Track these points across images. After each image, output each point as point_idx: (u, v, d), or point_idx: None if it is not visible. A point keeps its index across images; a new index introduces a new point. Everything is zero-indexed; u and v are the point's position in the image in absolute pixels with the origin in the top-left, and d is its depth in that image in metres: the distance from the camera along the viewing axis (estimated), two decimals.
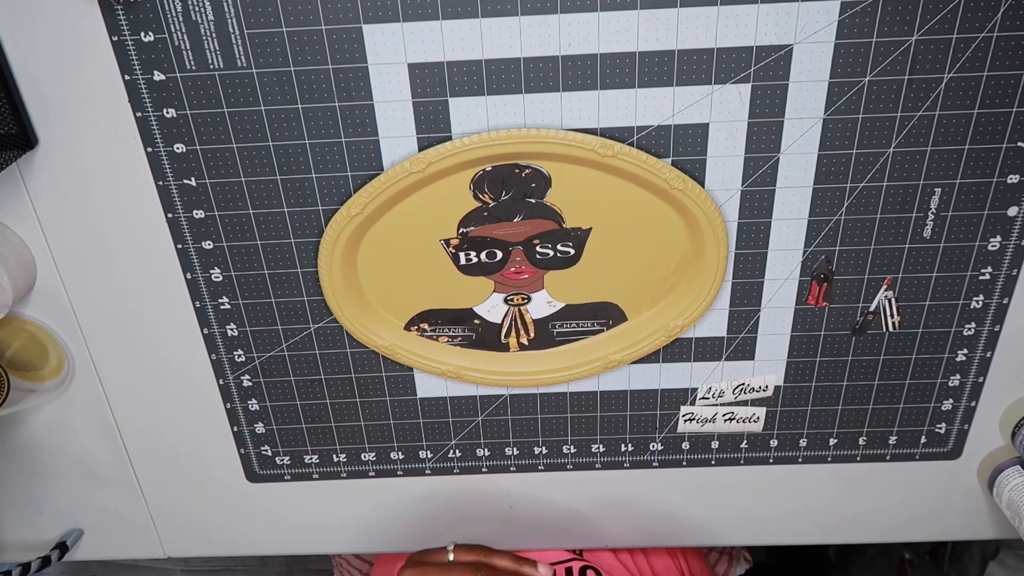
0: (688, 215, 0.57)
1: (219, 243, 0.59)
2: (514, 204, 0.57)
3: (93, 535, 0.76)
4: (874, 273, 0.59)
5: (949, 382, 0.65)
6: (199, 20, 0.50)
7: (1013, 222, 0.57)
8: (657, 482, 0.71)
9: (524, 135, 0.53)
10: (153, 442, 0.70)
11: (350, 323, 0.61)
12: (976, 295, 0.60)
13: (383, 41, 0.51)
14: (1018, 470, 0.65)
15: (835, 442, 0.68)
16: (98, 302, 0.62)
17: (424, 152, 0.54)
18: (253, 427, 0.69)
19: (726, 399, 0.66)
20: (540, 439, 0.69)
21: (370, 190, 0.55)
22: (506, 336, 0.63)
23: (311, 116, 0.53)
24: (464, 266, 0.60)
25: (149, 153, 0.55)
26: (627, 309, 0.63)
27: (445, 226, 0.58)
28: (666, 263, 0.60)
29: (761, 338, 0.63)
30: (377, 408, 0.67)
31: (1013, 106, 0.52)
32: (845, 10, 0.49)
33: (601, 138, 0.53)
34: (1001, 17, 0.49)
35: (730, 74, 0.52)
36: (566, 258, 0.59)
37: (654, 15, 0.50)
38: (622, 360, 0.63)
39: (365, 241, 0.58)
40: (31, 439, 0.70)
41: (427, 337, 0.63)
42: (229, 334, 0.63)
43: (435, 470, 0.71)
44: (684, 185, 0.55)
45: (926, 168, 0.55)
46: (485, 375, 0.64)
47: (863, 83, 0.52)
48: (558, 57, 0.51)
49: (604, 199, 0.56)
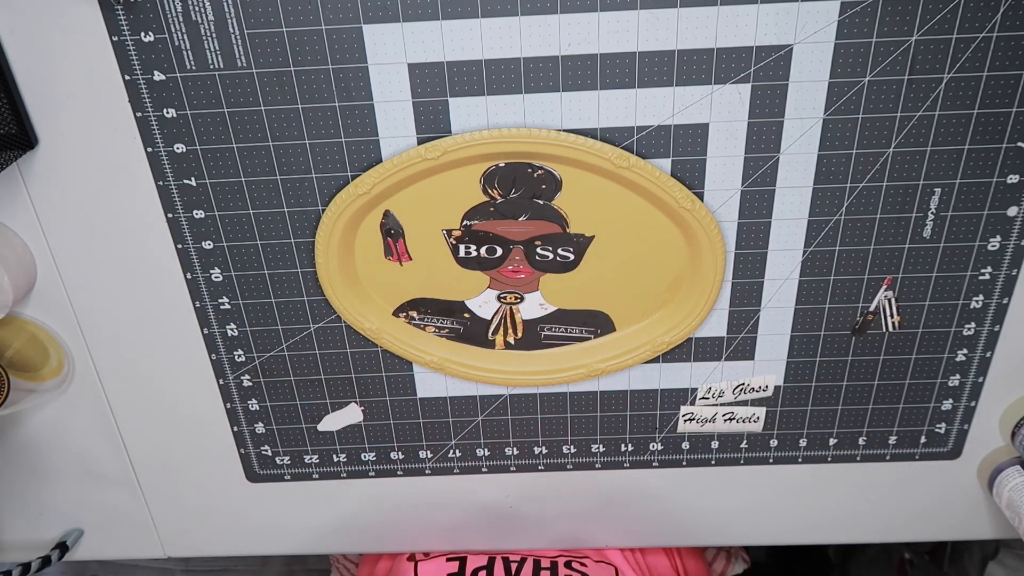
0: (691, 235, 0.57)
1: (219, 243, 0.59)
2: (521, 203, 0.57)
3: (93, 535, 0.76)
4: (874, 273, 0.59)
5: (949, 382, 0.65)
6: (199, 20, 0.50)
7: (1013, 222, 0.57)
8: (657, 482, 0.71)
9: (543, 136, 0.53)
10: (153, 442, 0.70)
11: (340, 302, 0.61)
12: (976, 295, 0.60)
13: (383, 41, 0.51)
14: (1018, 470, 0.65)
15: (835, 442, 0.68)
16: (98, 302, 0.62)
17: (441, 140, 0.54)
18: (253, 427, 0.69)
19: (726, 399, 0.66)
20: (540, 439, 0.69)
21: (380, 171, 0.55)
22: (493, 333, 0.63)
23: (311, 116, 0.53)
24: (462, 259, 0.60)
25: (149, 153, 0.55)
26: (617, 320, 0.63)
27: (449, 216, 0.58)
28: (662, 279, 0.60)
29: (761, 338, 0.63)
30: (377, 408, 0.67)
31: (1013, 106, 0.52)
32: (845, 10, 0.49)
33: (619, 149, 0.53)
34: (1001, 17, 0.49)
35: (730, 74, 0.52)
36: (565, 263, 0.59)
37: (654, 15, 0.50)
38: (605, 369, 0.63)
39: (367, 222, 0.58)
40: (31, 439, 0.70)
41: (414, 325, 0.63)
42: (229, 334, 0.63)
43: (435, 470, 0.71)
44: (692, 205, 0.55)
45: (926, 168, 0.55)
46: (468, 370, 0.64)
47: (863, 83, 0.52)
48: (558, 57, 0.51)
49: (611, 209, 0.57)
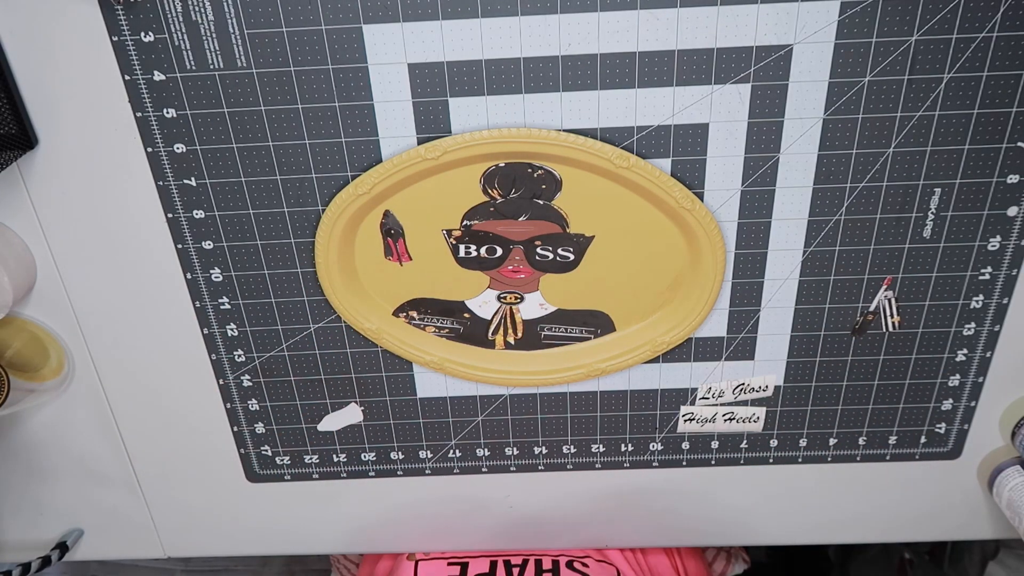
0: (691, 235, 0.57)
1: (219, 243, 0.59)
2: (521, 203, 0.57)
3: (93, 535, 0.76)
4: (874, 273, 0.59)
5: (949, 382, 0.65)
6: (199, 20, 0.50)
7: (1013, 222, 0.57)
8: (657, 482, 0.71)
9: (543, 136, 0.53)
10: (153, 442, 0.70)
11: (340, 302, 0.61)
12: (976, 295, 0.60)
13: (383, 41, 0.51)
14: (1018, 470, 0.65)
15: (835, 442, 0.68)
16: (98, 302, 0.62)
17: (441, 140, 0.54)
18: (253, 427, 0.69)
19: (726, 399, 0.66)
20: (540, 439, 0.69)
21: (380, 171, 0.55)
22: (493, 333, 0.63)
23: (311, 116, 0.53)
24: (462, 259, 0.60)
25: (149, 153, 0.55)
26: (617, 320, 0.63)
27: (449, 216, 0.58)
28: (662, 279, 0.60)
29: (761, 338, 0.63)
30: (377, 408, 0.67)
31: (1013, 106, 0.52)
32: (845, 10, 0.49)
33: (619, 149, 0.53)
34: (1001, 17, 0.49)
35: (730, 74, 0.52)
36: (565, 263, 0.59)
37: (654, 15, 0.50)
38: (605, 369, 0.63)
39: (367, 222, 0.58)
40: (31, 439, 0.70)
41: (414, 325, 0.63)
42: (229, 334, 0.63)
43: (435, 470, 0.71)
44: (692, 205, 0.55)
45: (926, 168, 0.55)
46: (468, 370, 0.64)
47: (863, 83, 0.52)
48: (558, 57, 0.51)
49: (611, 209, 0.57)
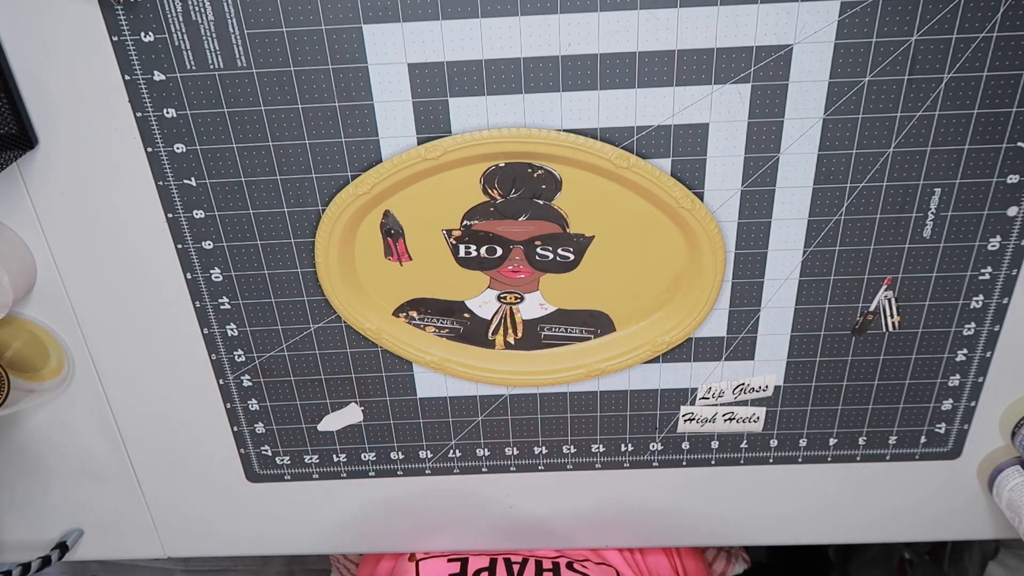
0: (691, 235, 0.57)
1: (219, 243, 0.59)
2: (521, 203, 0.57)
3: (93, 535, 0.76)
4: (874, 273, 0.59)
5: (949, 382, 0.65)
6: (199, 20, 0.50)
7: (1013, 222, 0.57)
8: (657, 482, 0.71)
9: (543, 136, 0.53)
10: (153, 442, 0.70)
11: (340, 302, 0.61)
12: (976, 295, 0.60)
13: (383, 41, 0.51)
14: (1018, 470, 0.65)
15: (835, 442, 0.68)
16: (98, 302, 0.62)
17: (441, 140, 0.54)
18: (253, 427, 0.69)
19: (726, 399, 0.66)
20: (540, 439, 0.69)
21: (380, 171, 0.55)
22: (493, 333, 0.63)
23: (311, 116, 0.53)
24: (462, 259, 0.60)
25: (149, 153, 0.55)
26: (617, 320, 0.63)
27: (449, 216, 0.58)
28: (662, 279, 0.60)
29: (761, 338, 0.63)
30: (377, 408, 0.67)
31: (1013, 106, 0.52)
32: (845, 10, 0.49)
33: (619, 149, 0.53)
34: (1001, 17, 0.49)
35: (730, 74, 0.52)
36: (565, 263, 0.59)
37: (654, 15, 0.50)
38: (605, 369, 0.63)
39: (367, 222, 0.58)
40: (31, 439, 0.70)
41: (414, 325, 0.63)
42: (229, 334, 0.63)
43: (435, 470, 0.71)
44: (692, 205, 0.55)
45: (926, 168, 0.55)
46: (468, 370, 0.64)
47: (863, 83, 0.52)
48: (558, 57, 0.51)
49: (611, 209, 0.57)
